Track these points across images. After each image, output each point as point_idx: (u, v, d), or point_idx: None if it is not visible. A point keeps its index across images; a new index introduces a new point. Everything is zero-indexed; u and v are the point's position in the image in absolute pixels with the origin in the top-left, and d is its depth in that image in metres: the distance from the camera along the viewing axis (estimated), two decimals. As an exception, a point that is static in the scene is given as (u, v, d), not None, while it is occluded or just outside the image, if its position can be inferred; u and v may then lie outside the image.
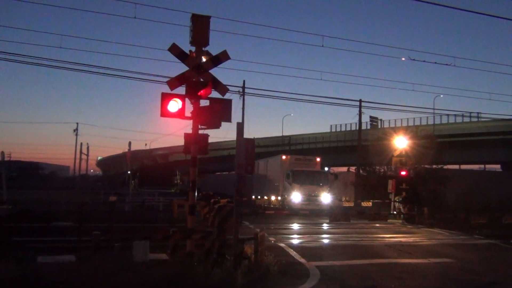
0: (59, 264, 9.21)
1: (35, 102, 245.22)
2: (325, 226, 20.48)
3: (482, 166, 58.11)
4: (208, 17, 9.99)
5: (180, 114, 9.68)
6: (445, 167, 30.97)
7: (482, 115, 51.20)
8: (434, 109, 49.70)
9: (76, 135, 63.56)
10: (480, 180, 32.53)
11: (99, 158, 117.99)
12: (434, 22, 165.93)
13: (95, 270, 8.23)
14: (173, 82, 9.72)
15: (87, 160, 70.45)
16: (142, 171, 73.01)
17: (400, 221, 23.30)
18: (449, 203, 26.66)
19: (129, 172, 44.48)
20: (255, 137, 47.14)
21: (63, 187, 48.59)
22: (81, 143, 65.85)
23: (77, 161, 67.64)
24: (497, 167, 59.80)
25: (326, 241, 15.84)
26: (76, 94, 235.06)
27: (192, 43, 9.93)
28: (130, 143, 37.06)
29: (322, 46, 26.86)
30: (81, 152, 65.18)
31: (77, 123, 64.63)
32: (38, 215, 19.30)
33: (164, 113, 9.58)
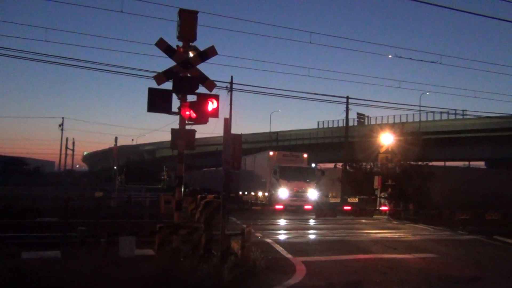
0: (44, 260, 9.15)
1: (19, 97, 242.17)
2: (311, 222, 20.59)
3: (467, 163, 58.90)
4: (196, 12, 9.95)
5: (167, 109, 9.65)
6: (431, 163, 31.29)
7: (467, 113, 51.82)
8: (420, 106, 50.05)
9: (62, 130, 63.01)
10: (464, 177, 32.98)
11: (85, 153, 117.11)
12: (420, 20, 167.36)
13: (80, 266, 8.19)
14: (160, 77, 9.67)
15: (72, 155, 69.95)
16: (128, 166, 72.57)
17: (386, 217, 23.51)
18: (434, 199, 26.98)
19: (115, 167, 44.18)
20: (243, 133, 47.14)
21: (48, 182, 48.14)
22: (67, 138, 65.35)
23: (63, 156, 67.09)
24: (481, 164, 60.68)
25: (312, 236, 15.94)
26: (61, 88, 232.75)
27: (179, 38, 9.89)
28: (116, 138, 36.81)
29: (310, 42, 27.03)
30: (66, 147, 64.64)
31: (63, 118, 64.10)
32: (22, 211, 19.11)
33: (151, 108, 9.54)
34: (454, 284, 9.06)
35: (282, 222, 20.42)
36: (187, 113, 9.71)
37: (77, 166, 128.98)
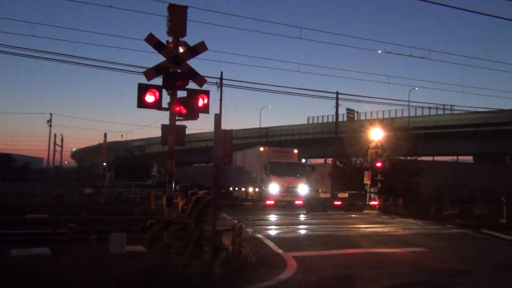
0: (33, 257, 9.05)
1: (7, 92, 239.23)
2: (302, 217, 20.66)
3: (455, 157, 59.45)
4: (185, 7, 9.88)
5: (157, 105, 9.59)
6: (419, 158, 31.53)
7: (455, 108, 52.34)
8: (409, 101, 50.50)
9: (50, 126, 62.22)
10: (453, 171, 33.26)
11: (73, 149, 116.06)
12: (409, 15, 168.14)
13: (70, 263, 8.11)
14: (150, 73, 9.59)
15: (61, 151, 69.20)
16: (118, 163, 72.15)
17: (376, 211, 23.68)
18: (423, 194, 27.20)
19: (104, 164, 43.92)
20: (233, 128, 47.02)
21: (37, 179, 47.67)
22: (55, 134, 64.53)
23: (51, 152, 66.39)
24: (469, 158, 61.31)
25: (303, 231, 16.00)
26: (50, 84, 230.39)
27: (169, 33, 9.81)
28: (105, 135, 36.66)
29: (300, 38, 26.94)
30: (55, 144, 63.93)
31: (51, 114, 63.17)
32: (11, 208, 18.93)
33: (141, 104, 9.47)
34: (444, 277, 9.15)
35: (272, 217, 20.46)
36: (177, 108, 9.67)
37: (66, 162, 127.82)
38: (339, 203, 23.45)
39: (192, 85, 9.95)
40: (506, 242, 14.35)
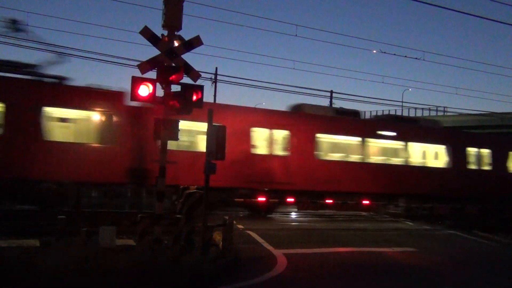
0: (22, 249, 9.01)
1: None
2: (293, 215, 20.68)
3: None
4: (182, 1, 9.82)
5: (150, 98, 9.53)
6: (412, 159, 31.56)
7: (448, 110, 52.57)
8: (402, 102, 50.39)
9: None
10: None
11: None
12: (405, 16, 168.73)
13: (59, 255, 8.07)
14: (144, 66, 9.54)
15: (53, 143, 68.73)
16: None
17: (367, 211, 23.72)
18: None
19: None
20: (226, 124, 46.79)
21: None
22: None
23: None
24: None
25: (294, 229, 16.02)
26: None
27: (164, 27, 9.75)
28: (98, 128, 36.29)
29: (296, 35, 26.77)
30: (47, 135, 63.46)
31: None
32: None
33: (134, 97, 9.40)
34: (432, 277, 9.21)
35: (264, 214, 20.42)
36: (171, 103, 9.62)
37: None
38: (331, 201, 23.46)
39: (186, 80, 9.91)
40: (496, 243, 14.47)
